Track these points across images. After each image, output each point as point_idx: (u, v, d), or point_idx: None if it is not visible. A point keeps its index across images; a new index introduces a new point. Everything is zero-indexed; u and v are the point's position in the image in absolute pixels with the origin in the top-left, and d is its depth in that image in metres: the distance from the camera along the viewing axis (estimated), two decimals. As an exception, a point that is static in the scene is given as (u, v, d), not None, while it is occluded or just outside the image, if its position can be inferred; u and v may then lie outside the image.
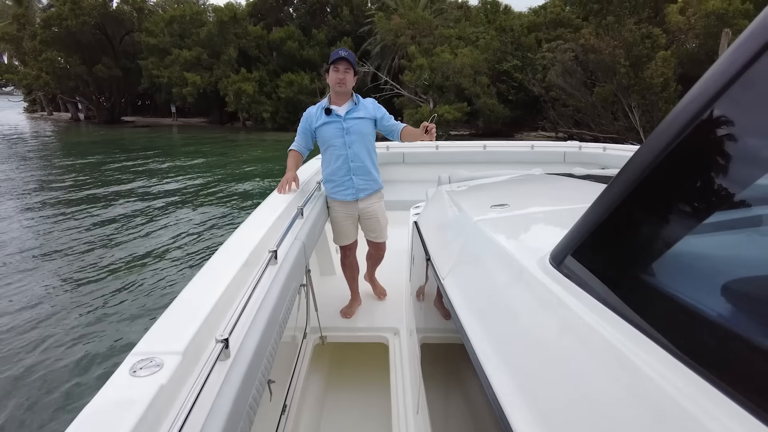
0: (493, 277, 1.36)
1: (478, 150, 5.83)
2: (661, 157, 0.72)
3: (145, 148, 22.42)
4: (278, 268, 1.93)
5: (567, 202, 1.98)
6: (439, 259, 1.85)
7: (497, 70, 22.83)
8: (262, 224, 2.24)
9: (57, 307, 5.94)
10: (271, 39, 29.49)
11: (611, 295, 0.82)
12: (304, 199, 2.82)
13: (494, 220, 1.71)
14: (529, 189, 2.48)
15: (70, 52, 31.27)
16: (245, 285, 1.69)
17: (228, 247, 1.99)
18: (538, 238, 1.47)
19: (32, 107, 52.00)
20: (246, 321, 1.51)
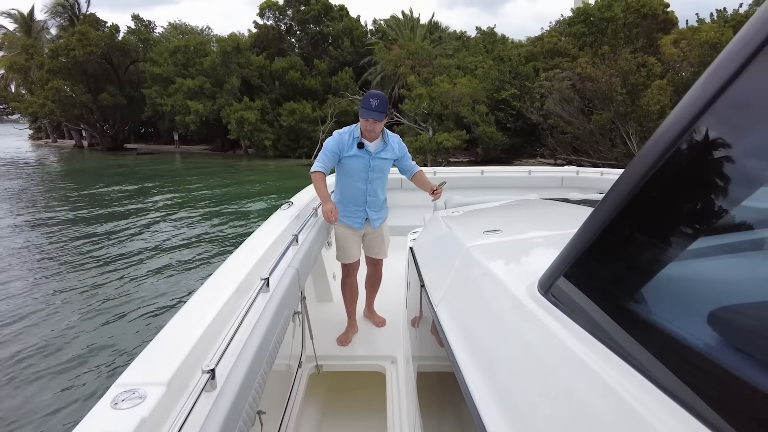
0: (483, 305, 1.33)
1: (476, 175, 5.85)
2: (650, 174, 0.73)
3: (145, 174, 22.58)
4: (270, 296, 1.90)
5: (561, 227, 1.96)
6: (433, 285, 1.83)
7: (495, 98, 23.15)
8: (255, 251, 2.22)
9: (45, 331, 5.87)
10: (273, 69, 30.03)
11: (603, 317, 0.80)
12: (299, 226, 2.80)
13: (487, 245, 1.69)
14: (524, 214, 2.47)
15: (76, 81, 31.83)
16: (235, 313, 1.66)
17: (219, 274, 1.96)
18: (528, 264, 1.45)
19: (37, 134, 52.64)
20: (234, 350, 1.47)
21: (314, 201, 3.47)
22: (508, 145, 23.17)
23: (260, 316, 1.72)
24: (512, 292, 1.13)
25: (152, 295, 7.09)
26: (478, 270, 1.49)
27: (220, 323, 1.60)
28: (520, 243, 1.72)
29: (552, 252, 1.60)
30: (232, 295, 1.75)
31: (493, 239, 1.74)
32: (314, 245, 2.75)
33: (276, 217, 2.96)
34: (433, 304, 1.68)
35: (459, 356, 1.21)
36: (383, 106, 2.82)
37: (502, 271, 1.36)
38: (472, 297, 1.47)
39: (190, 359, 1.34)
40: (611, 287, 0.83)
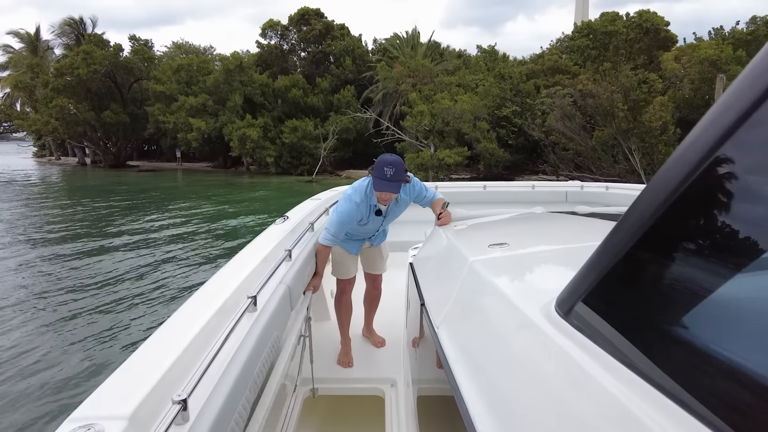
0: (491, 326, 1.18)
1: (478, 190, 5.74)
2: (685, 185, 0.63)
3: (145, 191, 22.55)
4: (257, 316, 1.76)
5: (571, 241, 1.83)
6: (434, 304, 1.68)
7: (497, 115, 23.20)
8: (243, 267, 2.08)
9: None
10: (276, 87, 30.26)
11: (630, 348, 0.68)
12: (293, 240, 2.66)
13: (492, 260, 1.55)
14: (531, 227, 2.33)
15: (80, 99, 32.08)
16: (216, 335, 1.51)
17: (201, 293, 1.82)
18: (541, 281, 1.30)
19: (41, 152, 52.95)
20: (213, 377, 1.32)
21: (311, 215, 3.33)
22: (510, 161, 23.13)
23: (245, 338, 1.58)
24: (524, 312, 0.99)
25: (134, 316, 6.81)
26: (484, 287, 1.36)
27: (197, 347, 1.45)
28: (529, 257, 1.58)
29: (565, 267, 1.46)
30: (214, 316, 1.61)
31: (499, 253, 1.60)
32: (309, 261, 2.61)
33: (269, 231, 2.82)
34: (434, 325, 1.54)
35: (462, 384, 1.07)
36: (399, 173, 2.47)
37: (511, 288, 1.22)
38: (477, 317, 1.33)
39: (160, 389, 1.19)
40: (638, 314, 0.72)
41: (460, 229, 2.43)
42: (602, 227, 2.13)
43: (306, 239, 2.83)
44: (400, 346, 3.20)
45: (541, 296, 1.00)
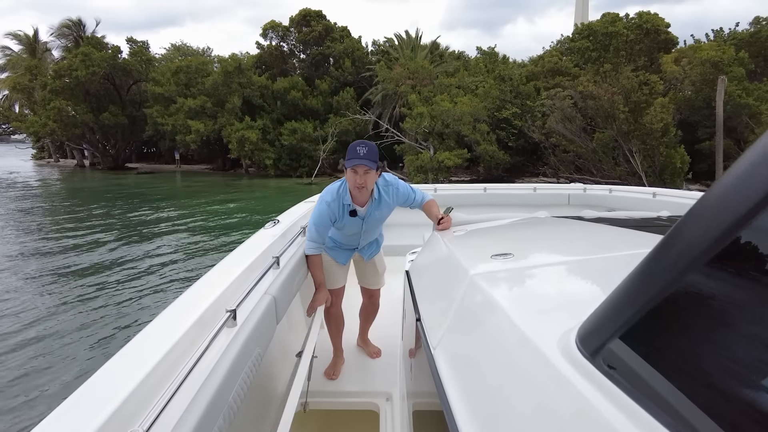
0: (494, 358, 1.03)
1: (479, 193, 5.60)
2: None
3: (143, 193, 22.39)
4: (237, 331, 1.61)
5: (582, 251, 1.67)
6: (430, 320, 1.53)
7: (497, 117, 23.07)
8: (225, 278, 1.92)
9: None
10: (275, 88, 30.12)
11: (693, 411, 0.51)
12: (282, 246, 2.51)
13: (495, 273, 1.40)
14: (536, 234, 2.17)
15: (78, 101, 31.91)
16: (187, 356, 1.36)
17: (174, 308, 1.66)
18: (553, 303, 1.14)
19: (40, 154, 52.82)
20: (182, 402, 1.17)
21: (303, 219, 3.18)
22: (510, 163, 22.99)
23: (221, 357, 1.42)
24: (537, 346, 0.83)
25: (107, 332, 6.38)
26: (486, 306, 1.20)
27: (165, 370, 1.30)
28: (537, 271, 1.43)
29: (579, 284, 1.29)
30: (187, 333, 1.45)
31: (502, 265, 1.45)
32: (299, 269, 2.45)
33: (257, 236, 2.66)
34: (430, 345, 1.38)
35: (462, 426, 0.91)
36: (373, 153, 2.38)
37: (518, 310, 1.06)
38: (478, 344, 1.17)
39: (115, 421, 1.03)
40: (708, 364, 0.54)
41: (460, 235, 2.27)
42: (613, 235, 1.97)
43: (296, 245, 2.67)
44: (396, 358, 3.04)
45: (556, 323, 0.84)
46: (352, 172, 2.41)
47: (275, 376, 2.72)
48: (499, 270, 1.41)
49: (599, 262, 1.41)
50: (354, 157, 2.36)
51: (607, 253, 1.52)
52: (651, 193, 4.92)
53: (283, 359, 2.94)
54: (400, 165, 25.43)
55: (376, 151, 2.41)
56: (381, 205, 2.62)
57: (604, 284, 1.26)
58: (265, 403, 2.48)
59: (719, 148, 17.98)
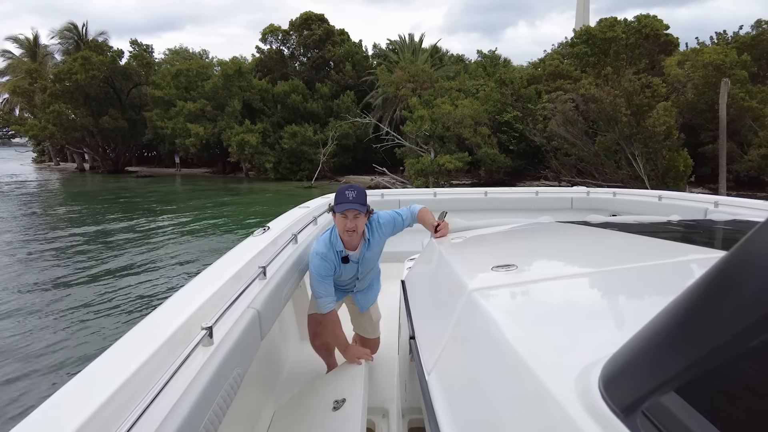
0: (494, 391, 0.86)
1: (479, 197, 5.44)
2: None
3: (142, 196, 22.26)
4: (213, 350, 1.45)
5: (594, 262, 1.50)
6: (425, 340, 1.37)
7: (498, 120, 22.93)
8: (203, 291, 1.76)
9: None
10: (275, 92, 30.05)
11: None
12: (270, 255, 2.34)
13: (496, 289, 1.23)
14: (541, 242, 2.01)
15: (78, 105, 31.87)
16: (156, 378, 1.20)
17: (145, 325, 1.50)
18: (565, 326, 0.98)
19: (40, 158, 52.83)
20: (147, 429, 1.03)
21: (295, 225, 3.01)
22: (511, 167, 22.83)
23: (193, 381, 1.26)
24: (547, 386, 0.67)
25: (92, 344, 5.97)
26: (486, 329, 1.04)
27: (129, 393, 1.14)
28: (544, 286, 1.26)
29: (597, 303, 1.12)
30: (156, 354, 1.29)
31: (504, 279, 1.28)
32: (288, 280, 2.28)
33: (244, 244, 2.49)
34: (425, 370, 1.22)
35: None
36: (361, 197, 2.32)
37: (524, 336, 0.90)
38: (476, 374, 1.00)
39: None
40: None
41: (458, 243, 2.11)
42: (625, 242, 1.81)
43: (286, 253, 2.50)
44: (393, 370, 2.87)
45: (570, 356, 0.68)
46: (342, 216, 2.33)
47: (260, 394, 2.56)
48: (500, 284, 1.25)
49: (614, 275, 1.25)
50: (343, 201, 2.30)
51: (622, 264, 1.37)
52: (657, 197, 4.77)
53: (272, 377, 2.77)
54: (400, 168, 25.29)
55: (364, 194, 2.36)
56: (372, 244, 2.54)
57: (624, 304, 1.10)
58: (249, 424, 2.31)
59: (722, 152, 17.81)
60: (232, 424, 2.08)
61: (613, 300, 1.08)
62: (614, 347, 0.58)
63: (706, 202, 4.25)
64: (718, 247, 1.62)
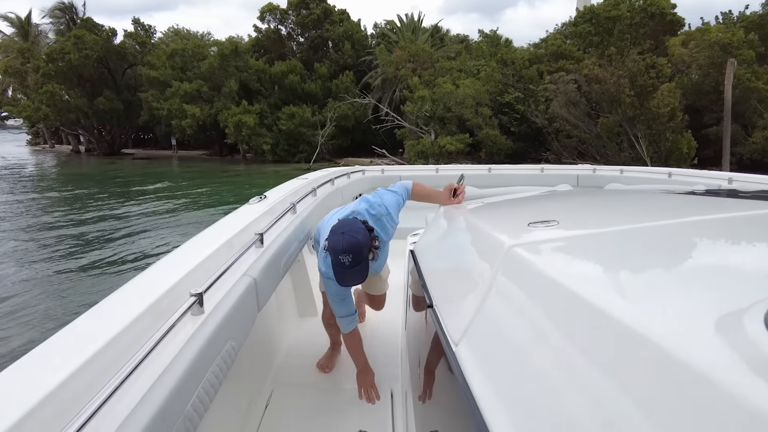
0: (572, 359, 0.67)
1: (482, 173, 5.25)
2: None
3: (138, 178, 21.98)
4: (204, 319, 1.26)
5: (648, 217, 1.32)
6: (449, 310, 1.18)
7: (499, 102, 22.61)
8: (193, 256, 1.56)
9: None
10: (272, 73, 29.52)
11: None
12: (268, 222, 2.14)
13: (544, 244, 1.04)
14: (574, 202, 1.80)
15: (72, 85, 31.30)
16: (137, 347, 1.04)
17: (125, 291, 1.32)
18: (658, 282, 0.78)
19: (35, 140, 52.15)
20: (127, 401, 0.91)
21: (293, 195, 2.81)
22: (512, 149, 22.57)
23: (181, 350, 1.11)
24: (669, 348, 0.49)
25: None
26: (541, 288, 0.85)
27: (98, 371, 0.97)
28: (603, 239, 1.06)
29: (687, 256, 0.93)
30: (137, 321, 1.12)
31: (548, 233, 1.08)
32: (286, 249, 2.09)
33: (239, 212, 2.29)
34: (450, 341, 1.04)
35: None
36: (360, 253, 1.77)
37: (601, 293, 0.70)
38: (530, 342, 0.81)
39: (36, 419, 0.80)
40: None
41: (478, 207, 1.91)
42: (672, 201, 1.62)
43: (285, 222, 2.30)
44: (397, 349, 2.70)
45: (693, 311, 0.48)
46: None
47: (257, 372, 2.39)
48: (545, 239, 1.05)
49: (683, 229, 1.08)
50: (341, 269, 1.80)
51: (683, 218, 1.20)
52: (666, 173, 4.57)
53: (269, 354, 2.60)
54: (400, 150, 25.01)
55: (359, 245, 1.77)
56: (381, 256, 2.24)
57: (720, 255, 0.91)
58: (245, 402, 2.15)
59: (727, 134, 17.57)
60: (227, 401, 1.94)
61: (698, 250, 0.89)
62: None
63: (719, 179, 4.06)
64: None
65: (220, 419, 1.85)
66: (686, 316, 0.54)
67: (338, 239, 1.76)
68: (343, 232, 1.77)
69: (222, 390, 1.93)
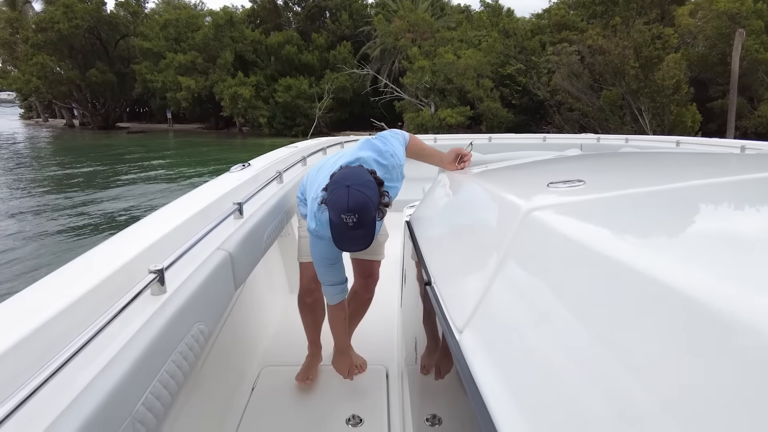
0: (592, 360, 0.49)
1: (483, 143, 5.04)
2: None
3: (132, 153, 21.65)
4: (166, 299, 1.10)
5: (682, 177, 1.14)
6: (450, 288, 1.00)
7: (500, 73, 22.16)
8: (160, 227, 1.37)
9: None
10: (268, 43, 28.86)
11: None
12: (249, 192, 1.94)
13: (571, 207, 0.85)
14: (598, 164, 1.59)
15: (62, 57, 30.55)
16: (75, 334, 0.88)
17: (72, 267, 1.14)
18: (703, 246, 0.61)
19: (28, 114, 51.32)
20: (61, 397, 0.79)
21: (279, 163, 2.60)
22: (514, 122, 22.21)
23: (135, 335, 0.97)
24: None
25: None
26: (565, 261, 0.68)
27: (38, 350, 0.84)
28: (643, 201, 0.87)
29: (726, 215, 0.82)
30: (80, 302, 0.97)
31: (573, 195, 0.89)
32: (270, 221, 1.89)
33: (218, 180, 2.07)
34: (453, 327, 0.86)
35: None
36: (367, 215, 1.43)
37: (643, 265, 0.51)
38: (552, 328, 0.63)
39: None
40: None
41: (484, 171, 1.70)
42: (702, 163, 1.42)
43: (270, 192, 2.10)
44: (392, 329, 2.54)
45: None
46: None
47: (244, 351, 2.23)
48: (573, 202, 0.86)
49: (722, 188, 0.93)
50: (341, 235, 1.48)
51: (728, 177, 1.03)
52: (674, 142, 4.36)
53: (257, 333, 2.43)
54: (399, 124, 24.60)
55: (368, 204, 1.43)
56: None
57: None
58: (231, 383, 2.00)
59: (732, 107, 17.23)
60: (211, 383, 1.80)
61: (748, 212, 0.78)
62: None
63: (731, 147, 3.85)
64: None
65: (202, 402, 1.70)
66: (752, 286, 0.43)
67: (342, 194, 1.40)
68: (348, 185, 1.40)
69: (203, 372, 1.78)
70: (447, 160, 1.88)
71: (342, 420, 1.94)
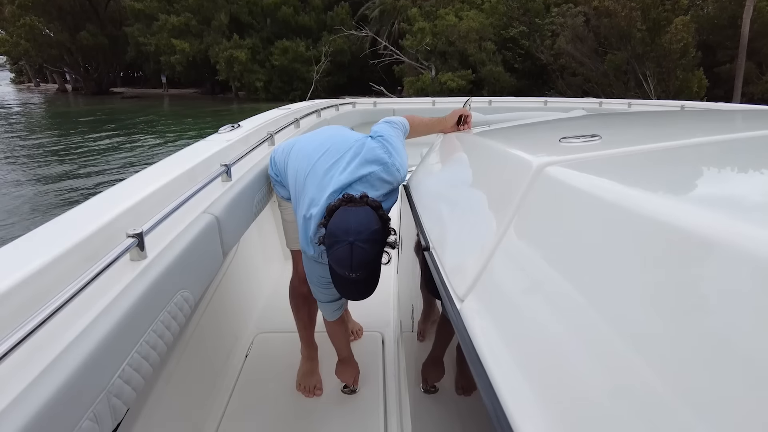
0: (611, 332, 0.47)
1: (482, 105, 4.92)
2: None
3: (124, 118, 21.29)
4: (145, 265, 1.03)
5: (703, 132, 1.07)
6: (451, 253, 0.91)
7: (503, 36, 21.58)
8: (142, 189, 1.26)
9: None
10: (264, 4, 27.98)
11: None
12: (238, 153, 1.81)
13: (589, 163, 0.74)
14: (611, 120, 1.48)
15: (51, 18, 29.65)
16: (47, 299, 0.80)
17: (45, 231, 1.04)
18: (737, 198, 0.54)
19: (19, 78, 50.30)
20: (26, 371, 0.72)
21: (271, 125, 2.45)
22: (516, 87, 21.79)
23: (113, 302, 0.90)
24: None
25: None
26: (583, 223, 0.59)
27: (3, 317, 0.77)
28: (669, 156, 0.77)
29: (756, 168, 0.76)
30: (51, 266, 0.88)
31: (592, 150, 0.79)
32: (261, 184, 1.78)
33: (205, 142, 1.94)
34: (453, 296, 0.77)
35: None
36: (373, 270, 1.38)
37: (675, 226, 0.46)
38: (567, 298, 0.54)
39: None
40: None
41: (487, 130, 1.57)
42: (721, 121, 1.31)
43: (260, 153, 1.97)
44: (389, 295, 2.47)
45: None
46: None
47: (237, 317, 2.17)
48: (591, 157, 0.75)
49: (745, 143, 0.86)
50: (344, 289, 1.43)
51: (739, 133, 0.96)
52: (679, 106, 4.23)
53: (251, 298, 2.36)
54: (398, 88, 24.12)
55: (375, 260, 1.34)
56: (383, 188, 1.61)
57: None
58: (224, 350, 1.94)
59: (740, 72, 16.85)
60: (204, 350, 1.76)
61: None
62: None
63: (738, 111, 3.71)
64: None
65: (194, 369, 1.64)
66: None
67: (344, 251, 1.24)
68: (352, 242, 1.24)
69: (194, 340, 1.71)
70: (450, 123, 1.74)
71: (337, 387, 1.91)
